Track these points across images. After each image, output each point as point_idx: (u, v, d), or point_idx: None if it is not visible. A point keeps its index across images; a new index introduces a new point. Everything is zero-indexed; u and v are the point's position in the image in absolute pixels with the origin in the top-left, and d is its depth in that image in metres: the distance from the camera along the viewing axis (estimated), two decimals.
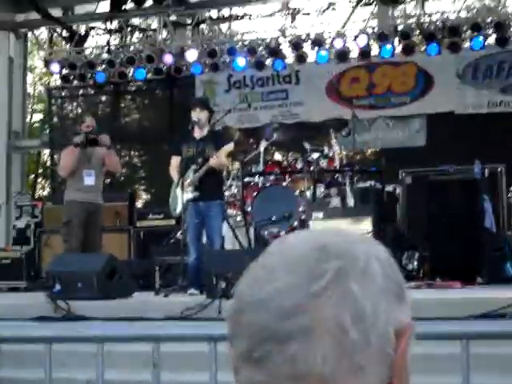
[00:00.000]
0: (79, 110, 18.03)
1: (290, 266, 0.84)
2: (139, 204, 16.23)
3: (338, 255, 0.84)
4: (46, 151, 19.92)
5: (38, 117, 24.03)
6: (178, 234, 10.41)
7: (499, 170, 10.52)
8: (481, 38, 12.11)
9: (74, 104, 17.71)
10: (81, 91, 16.31)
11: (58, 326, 6.55)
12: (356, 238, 0.90)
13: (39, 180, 24.32)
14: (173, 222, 11.00)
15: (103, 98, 17.16)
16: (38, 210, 12.51)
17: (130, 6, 13.21)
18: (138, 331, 6.17)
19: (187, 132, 8.35)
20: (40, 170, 23.88)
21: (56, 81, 16.58)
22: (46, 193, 22.44)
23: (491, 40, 12.28)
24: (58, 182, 16.33)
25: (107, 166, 9.50)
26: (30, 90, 21.32)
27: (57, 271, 7.40)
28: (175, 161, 8.36)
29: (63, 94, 16.39)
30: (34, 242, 12.04)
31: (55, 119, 16.71)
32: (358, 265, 0.84)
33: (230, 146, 8.06)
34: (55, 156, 16.25)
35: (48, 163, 20.74)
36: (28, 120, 19.83)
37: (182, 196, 8.09)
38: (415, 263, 9.29)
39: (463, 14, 13.36)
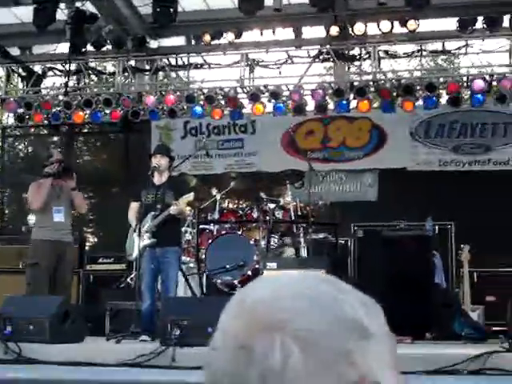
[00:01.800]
0: (30, 150, 17.89)
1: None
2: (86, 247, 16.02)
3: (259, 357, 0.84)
4: None
5: None
6: (129, 278, 10.33)
7: (449, 227, 10.74)
8: (434, 98, 12.34)
9: (26, 143, 17.55)
10: (34, 131, 16.16)
11: (8, 368, 6.44)
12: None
13: None
14: (124, 266, 10.91)
15: (56, 139, 17.02)
16: None
17: (89, 48, 13.19)
18: (89, 376, 6.11)
19: (146, 178, 8.36)
20: None
21: (8, 119, 16.37)
22: None
23: (444, 100, 12.54)
24: (5, 221, 16.12)
25: (75, 205, 9.28)
26: None
27: (8, 313, 7.27)
28: (134, 206, 8.34)
29: (16, 133, 16.25)
30: None
31: (5, 158, 16.50)
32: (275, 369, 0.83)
33: (190, 196, 8.05)
34: (5, 195, 16.07)
35: None
36: None
37: (138, 241, 8.06)
38: None
39: (417, 74, 13.68)
